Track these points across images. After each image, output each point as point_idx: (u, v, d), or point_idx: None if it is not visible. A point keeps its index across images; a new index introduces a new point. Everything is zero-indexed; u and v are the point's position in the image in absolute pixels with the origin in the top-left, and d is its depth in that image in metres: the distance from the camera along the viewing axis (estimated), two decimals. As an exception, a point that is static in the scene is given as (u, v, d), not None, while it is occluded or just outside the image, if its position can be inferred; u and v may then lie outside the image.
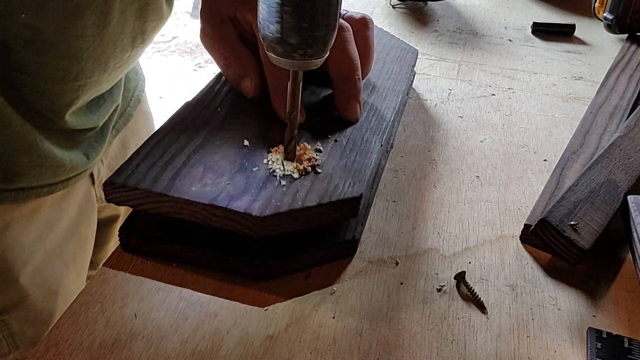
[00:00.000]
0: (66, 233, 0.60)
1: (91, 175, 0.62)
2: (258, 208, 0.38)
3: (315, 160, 0.44)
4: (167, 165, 0.42)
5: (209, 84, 0.54)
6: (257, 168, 0.43)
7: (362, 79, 0.52)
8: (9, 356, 0.57)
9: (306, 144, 0.45)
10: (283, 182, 0.41)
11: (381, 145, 0.47)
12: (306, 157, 0.44)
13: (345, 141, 0.47)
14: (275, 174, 0.42)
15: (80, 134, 0.56)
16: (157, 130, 0.47)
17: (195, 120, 0.48)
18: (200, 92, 0.53)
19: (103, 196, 0.65)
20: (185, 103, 0.50)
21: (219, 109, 0.50)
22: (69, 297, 0.60)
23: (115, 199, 0.41)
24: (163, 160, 0.43)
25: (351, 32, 0.50)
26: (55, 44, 0.46)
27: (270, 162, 0.43)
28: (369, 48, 0.52)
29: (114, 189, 0.41)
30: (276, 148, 0.44)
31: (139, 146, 0.44)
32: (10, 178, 0.50)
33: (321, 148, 0.46)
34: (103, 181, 0.40)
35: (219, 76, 0.55)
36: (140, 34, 0.54)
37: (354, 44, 0.50)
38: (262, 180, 0.41)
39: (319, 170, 0.43)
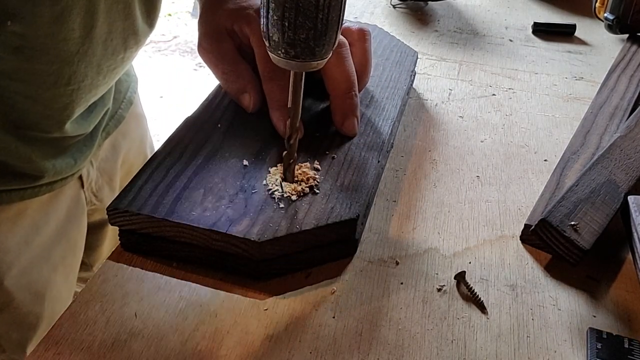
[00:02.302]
0: (54, 236, 0.59)
1: (80, 177, 0.61)
2: (257, 233, 0.39)
3: (314, 180, 0.44)
4: (169, 189, 0.42)
5: (208, 97, 0.54)
6: (256, 190, 0.43)
7: (360, 91, 0.52)
8: None
9: (305, 164, 0.45)
10: (282, 205, 0.42)
11: (378, 162, 0.48)
12: (304, 177, 0.44)
13: (343, 158, 0.47)
14: (274, 195, 0.42)
15: (69, 140, 0.55)
16: (158, 151, 0.47)
17: (195, 138, 0.48)
18: (201, 105, 0.53)
19: (93, 199, 0.65)
20: (186, 119, 0.51)
21: (218, 125, 0.50)
22: (57, 300, 0.60)
23: (119, 223, 0.42)
24: (164, 183, 0.43)
25: (348, 47, 0.50)
26: (45, 49, 0.46)
27: (269, 184, 0.43)
28: (366, 61, 0.52)
29: (117, 214, 0.41)
30: (275, 168, 0.45)
31: (130, 148, 0.44)
32: None
33: (319, 167, 0.46)
34: (92, 184, 0.40)
35: (219, 88, 0.55)
36: (133, 35, 0.54)
37: (351, 60, 0.50)
38: (261, 203, 0.42)
39: (317, 191, 0.43)
